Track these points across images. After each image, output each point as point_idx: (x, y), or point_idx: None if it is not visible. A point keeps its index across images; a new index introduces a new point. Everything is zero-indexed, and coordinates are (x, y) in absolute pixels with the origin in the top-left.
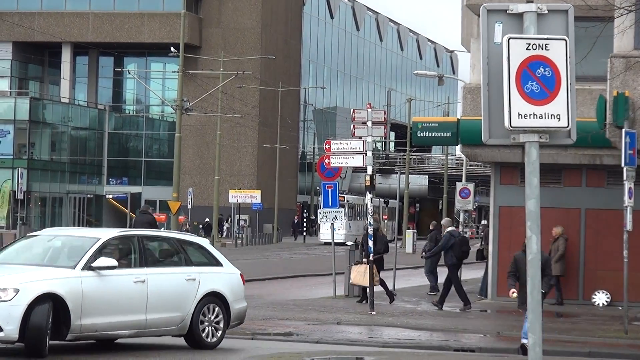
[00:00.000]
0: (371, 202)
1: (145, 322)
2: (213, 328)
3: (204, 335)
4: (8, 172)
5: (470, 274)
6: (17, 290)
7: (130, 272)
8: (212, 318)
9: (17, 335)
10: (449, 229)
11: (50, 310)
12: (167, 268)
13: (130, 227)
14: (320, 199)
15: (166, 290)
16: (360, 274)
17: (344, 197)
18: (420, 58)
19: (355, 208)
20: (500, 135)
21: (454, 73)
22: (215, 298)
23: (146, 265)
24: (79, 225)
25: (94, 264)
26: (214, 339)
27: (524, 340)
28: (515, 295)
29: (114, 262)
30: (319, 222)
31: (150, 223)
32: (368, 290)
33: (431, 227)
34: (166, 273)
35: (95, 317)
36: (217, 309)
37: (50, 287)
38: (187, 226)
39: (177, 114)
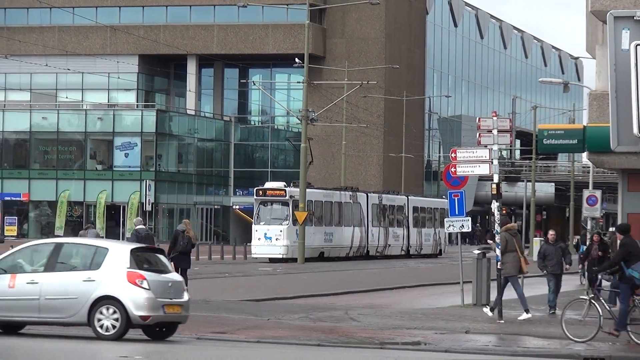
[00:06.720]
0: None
1: None
2: None
3: None
4: (136, 184)
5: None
6: None
7: None
8: None
9: None
10: (138, 227)
11: None
12: None
13: None
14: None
15: None
16: None
17: (284, 190)
18: (545, 65)
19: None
20: (629, 142)
21: (579, 80)
22: None
23: None
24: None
25: None
26: None
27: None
28: None
29: None
30: (446, 230)
31: None
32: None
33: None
34: None
35: None
36: None
37: None
38: None
39: (303, 124)
